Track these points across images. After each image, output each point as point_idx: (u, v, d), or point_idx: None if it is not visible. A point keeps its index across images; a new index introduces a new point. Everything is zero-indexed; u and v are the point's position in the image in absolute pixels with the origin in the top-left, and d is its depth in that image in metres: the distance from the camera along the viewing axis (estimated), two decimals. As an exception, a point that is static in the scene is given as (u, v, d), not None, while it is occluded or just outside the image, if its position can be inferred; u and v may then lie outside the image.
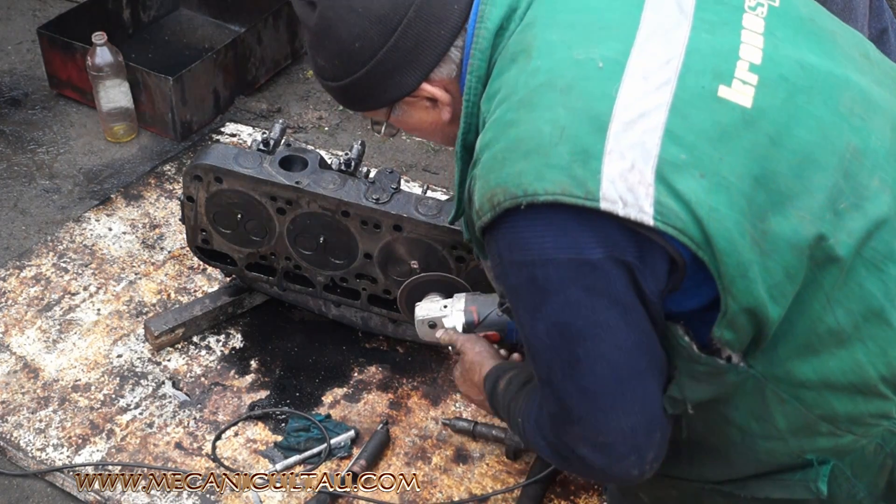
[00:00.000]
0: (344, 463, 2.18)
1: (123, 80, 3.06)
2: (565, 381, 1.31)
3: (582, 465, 1.36)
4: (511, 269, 1.29)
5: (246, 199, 2.28)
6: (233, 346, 2.46)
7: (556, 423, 1.36)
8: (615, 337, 1.27)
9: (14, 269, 2.66)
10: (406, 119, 1.52)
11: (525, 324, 1.32)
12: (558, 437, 1.36)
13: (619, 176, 1.20)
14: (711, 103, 1.25)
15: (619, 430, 1.30)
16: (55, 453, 2.19)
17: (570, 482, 2.15)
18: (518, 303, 1.32)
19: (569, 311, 1.27)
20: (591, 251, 1.23)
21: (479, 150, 1.31)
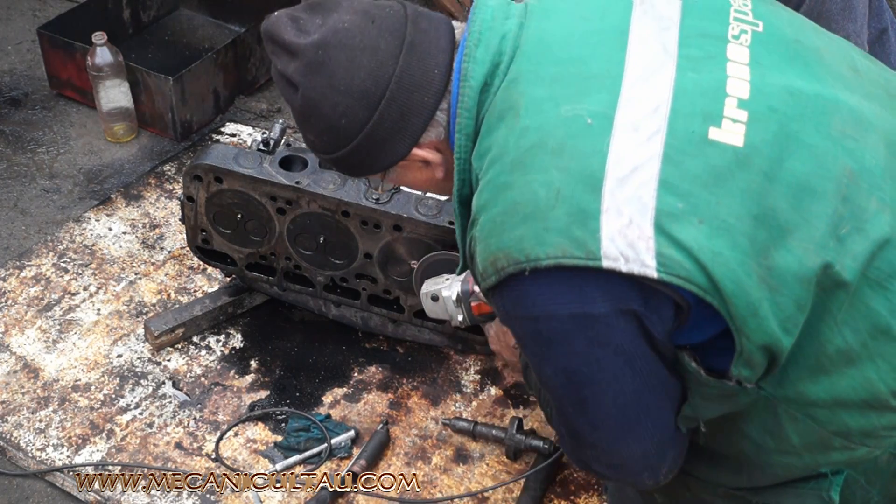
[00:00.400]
0: (344, 463, 2.18)
1: (123, 80, 3.06)
2: (576, 415, 1.36)
3: (597, 473, 1.43)
4: (515, 322, 1.33)
5: (246, 199, 2.28)
6: (233, 346, 2.46)
7: (570, 441, 1.41)
8: (620, 383, 1.30)
9: (14, 269, 2.66)
10: (401, 178, 1.53)
11: (534, 365, 1.36)
12: (573, 452, 1.42)
13: (618, 232, 1.20)
14: (703, 147, 1.24)
15: (631, 455, 1.35)
16: (55, 453, 2.19)
17: (570, 482, 2.15)
18: (525, 349, 1.37)
19: (574, 360, 1.30)
20: (595, 306, 1.25)
21: (476, 211, 1.33)
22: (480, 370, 2.40)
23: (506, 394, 2.35)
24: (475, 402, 2.33)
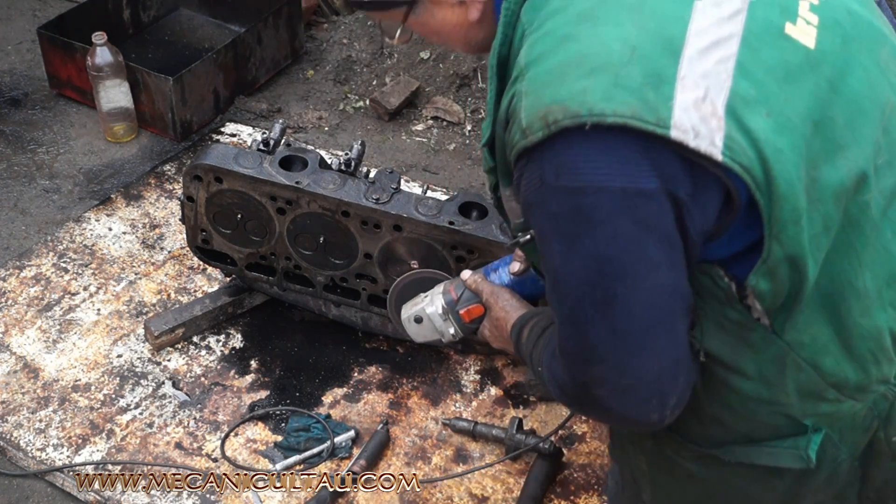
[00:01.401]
0: (344, 463, 2.18)
1: (123, 80, 3.06)
2: (595, 319, 1.23)
3: (598, 407, 1.30)
4: (554, 196, 1.19)
5: (246, 199, 2.28)
6: (233, 346, 2.46)
7: (574, 362, 1.28)
8: (658, 275, 1.20)
9: (14, 269, 2.66)
10: (427, 20, 1.39)
11: (556, 256, 1.23)
12: (574, 377, 1.29)
13: (692, 105, 1.13)
14: (779, 40, 1.21)
15: (645, 373, 1.24)
16: (55, 453, 2.19)
17: (570, 482, 2.15)
18: (552, 233, 1.22)
19: (614, 245, 1.18)
20: (646, 181, 1.15)
21: (526, 64, 1.21)
22: (480, 370, 2.41)
23: (506, 394, 2.35)
24: (475, 402, 2.33)
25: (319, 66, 3.55)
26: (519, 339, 1.59)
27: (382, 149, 3.21)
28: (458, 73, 3.41)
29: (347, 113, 3.36)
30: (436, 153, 3.21)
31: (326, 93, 3.44)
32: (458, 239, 2.18)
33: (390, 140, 3.26)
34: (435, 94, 3.40)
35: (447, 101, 3.36)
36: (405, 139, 3.26)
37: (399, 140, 3.26)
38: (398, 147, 3.23)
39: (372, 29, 3.58)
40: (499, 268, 1.84)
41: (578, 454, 2.21)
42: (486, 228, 2.17)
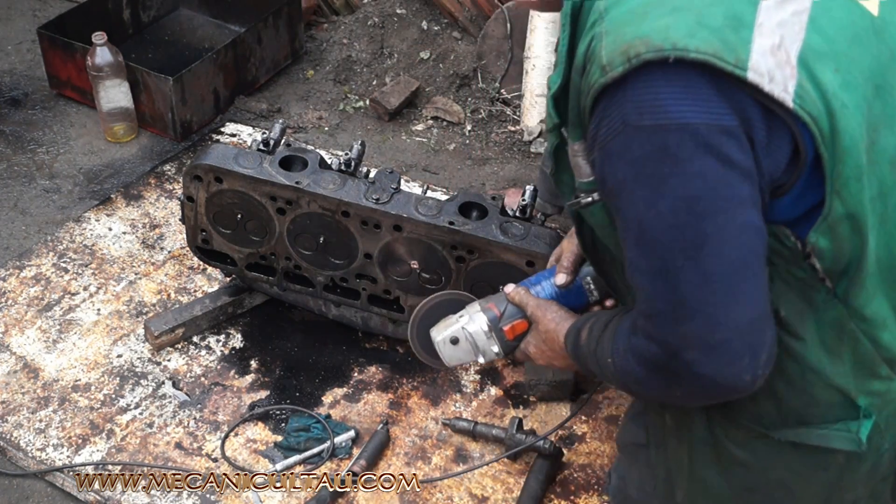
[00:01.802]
0: (344, 463, 2.18)
1: (123, 80, 3.06)
2: (686, 267, 1.21)
3: (690, 376, 1.26)
4: (637, 137, 1.19)
5: (246, 199, 2.28)
6: (233, 346, 2.46)
7: (664, 324, 1.26)
8: (745, 213, 1.20)
9: (14, 269, 2.66)
10: None
11: (640, 205, 1.22)
12: (664, 344, 1.26)
13: (768, 50, 1.16)
14: (848, 2, 1.25)
15: (737, 323, 1.22)
16: (55, 453, 2.19)
17: (570, 482, 2.15)
18: (635, 181, 1.21)
19: (701, 183, 1.18)
20: (728, 119, 1.16)
21: (606, 7, 1.23)
22: (480, 370, 2.41)
23: (506, 394, 2.35)
24: (475, 402, 2.33)
25: (319, 66, 3.55)
26: (577, 343, 1.56)
27: (382, 149, 3.21)
28: (458, 73, 3.42)
29: (347, 113, 3.36)
30: (436, 153, 3.21)
31: (326, 93, 3.44)
32: (458, 239, 2.18)
33: (390, 140, 3.26)
34: (435, 94, 3.40)
35: (447, 101, 3.36)
36: (405, 139, 3.26)
37: (399, 140, 3.26)
38: (398, 147, 3.23)
39: (372, 29, 3.58)
40: (540, 281, 1.80)
41: (578, 454, 2.21)
42: (486, 228, 2.17)
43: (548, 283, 1.79)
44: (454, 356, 1.80)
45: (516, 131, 3.28)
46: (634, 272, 1.28)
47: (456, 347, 1.79)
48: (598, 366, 1.48)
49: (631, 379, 1.37)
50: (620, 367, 1.38)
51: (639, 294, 1.30)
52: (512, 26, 3.34)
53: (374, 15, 3.61)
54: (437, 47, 3.51)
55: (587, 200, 1.37)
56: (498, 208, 2.23)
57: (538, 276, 1.82)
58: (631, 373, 1.36)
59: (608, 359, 1.42)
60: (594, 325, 1.52)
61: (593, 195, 1.35)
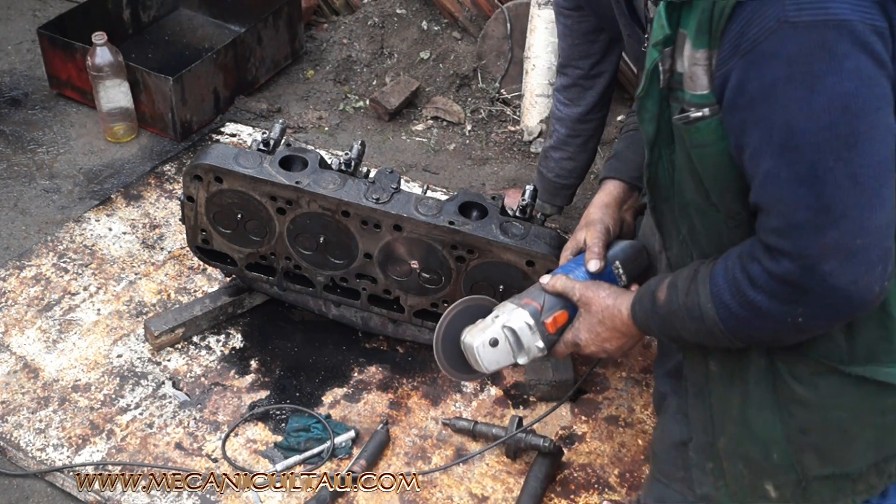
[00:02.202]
0: (344, 463, 2.18)
1: (123, 80, 3.06)
2: (836, 169, 1.21)
3: (823, 289, 1.27)
4: (794, 35, 1.19)
5: (246, 199, 2.28)
6: (233, 346, 2.46)
7: (801, 237, 1.26)
8: (889, 115, 1.22)
9: (14, 269, 2.66)
10: None
11: (791, 105, 1.22)
12: (800, 256, 1.26)
13: None
14: None
15: (877, 228, 1.23)
16: (55, 453, 2.19)
17: (570, 482, 2.15)
18: (788, 80, 1.21)
19: (857, 80, 1.19)
20: (880, 21, 1.18)
21: None
22: (480, 370, 2.41)
23: (506, 394, 2.35)
24: (475, 402, 2.33)
25: (319, 66, 3.55)
26: (654, 306, 1.53)
27: (382, 149, 3.21)
28: (458, 73, 3.42)
29: (347, 113, 3.36)
30: (436, 153, 3.21)
31: (326, 93, 3.44)
32: (458, 239, 2.18)
33: (390, 140, 3.26)
34: (435, 94, 3.40)
35: (447, 101, 3.36)
36: (405, 139, 3.26)
37: (399, 140, 3.26)
38: (398, 147, 3.23)
39: (372, 29, 3.59)
40: (572, 270, 1.78)
41: (578, 454, 2.21)
42: (486, 228, 2.17)
43: (579, 271, 1.77)
44: (493, 359, 1.74)
45: (516, 131, 3.28)
46: (771, 185, 1.27)
47: (495, 350, 1.73)
48: (689, 317, 1.45)
49: (745, 314, 1.36)
50: (728, 304, 1.37)
51: (772, 209, 1.28)
52: (512, 26, 3.34)
53: (374, 15, 3.61)
54: (437, 47, 3.51)
55: (697, 115, 1.34)
56: (498, 208, 2.23)
57: (565, 268, 1.80)
58: (746, 307, 1.35)
59: (707, 304, 1.41)
60: (676, 281, 1.50)
61: (704, 110, 1.33)
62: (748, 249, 1.36)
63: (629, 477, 2.16)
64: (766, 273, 1.32)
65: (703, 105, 1.33)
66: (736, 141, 1.32)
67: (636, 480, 2.15)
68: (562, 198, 2.67)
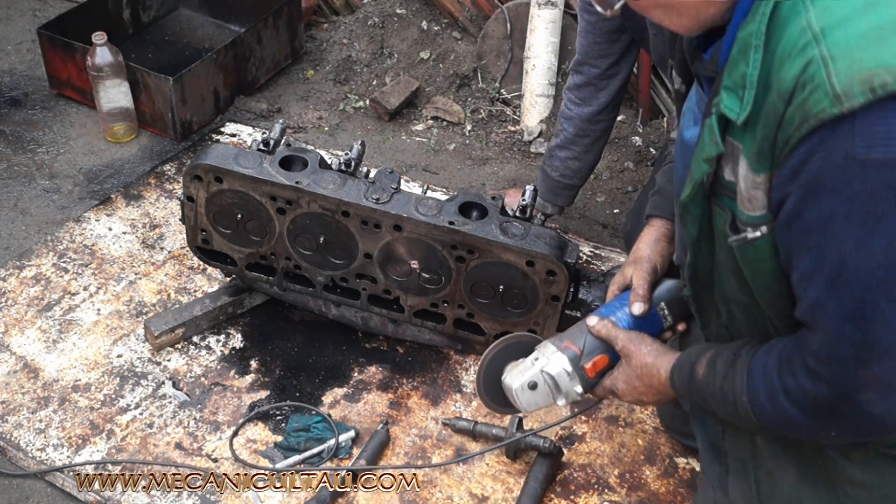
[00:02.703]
0: (344, 463, 2.18)
1: (123, 80, 3.06)
2: (886, 309, 1.19)
3: (858, 415, 1.28)
4: (861, 172, 1.15)
5: (246, 199, 2.28)
6: (233, 346, 2.46)
7: (842, 368, 1.25)
8: None
9: (14, 269, 2.66)
10: None
11: (848, 243, 1.19)
12: (837, 384, 1.26)
13: None
14: None
15: None
16: (55, 453, 2.19)
17: (570, 482, 2.15)
18: (849, 217, 1.18)
19: None
20: None
21: (822, 29, 1.17)
22: (480, 370, 2.41)
23: (506, 394, 2.35)
24: (475, 402, 2.32)
25: (319, 66, 3.55)
26: (692, 378, 1.53)
27: (382, 149, 3.21)
28: (458, 73, 3.42)
29: (347, 113, 3.36)
30: (436, 153, 3.21)
31: (326, 93, 3.44)
32: (458, 239, 2.18)
33: (390, 140, 3.26)
34: (435, 94, 3.40)
35: (447, 101, 3.36)
36: (405, 139, 3.26)
37: (399, 140, 3.26)
38: (398, 147, 3.23)
39: (372, 29, 3.58)
40: (614, 311, 1.76)
41: (578, 454, 2.21)
42: (486, 228, 2.17)
43: (622, 312, 1.75)
44: (532, 401, 1.75)
45: (516, 131, 3.28)
46: (817, 312, 1.26)
47: (535, 392, 1.73)
48: (724, 402, 1.45)
49: (778, 419, 1.36)
50: (764, 405, 1.37)
51: (817, 333, 1.28)
52: (512, 26, 3.34)
53: (374, 15, 3.61)
54: (437, 47, 3.51)
55: (755, 235, 1.32)
56: (498, 208, 2.23)
57: (609, 307, 1.78)
58: (780, 413, 1.35)
59: (743, 396, 1.40)
60: (715, 360, 1.49)
61: (762, 228, 1.31)
62: (788, 355, 1.35)
63: (629, 477, 2.16)
64: (801, 390, 1.32)
65: (761, 224, 1.30)
66: (785, 257, 1.30)
67: (636, 480, 2.15)
68: (564, 198, 2.66)
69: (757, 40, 1.25)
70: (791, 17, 1.22)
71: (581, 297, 2.24)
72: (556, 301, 2.21)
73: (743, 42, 1.27)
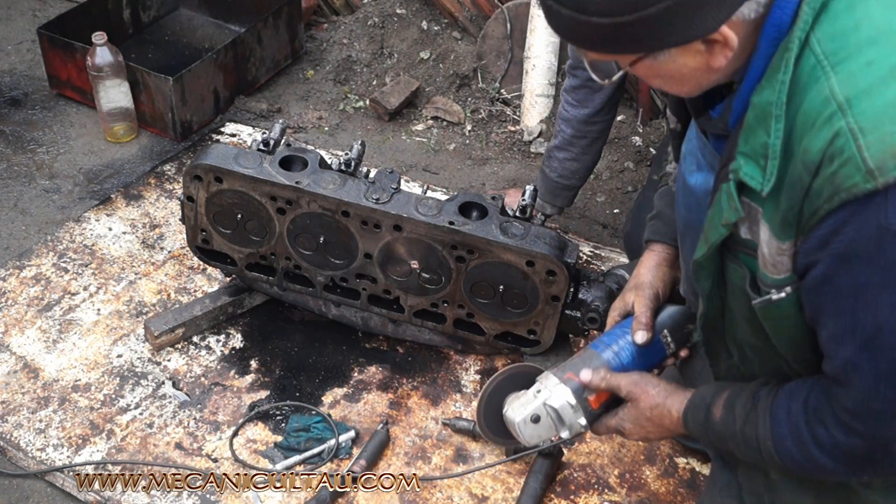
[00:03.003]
0: (344, 463, 2.18)
1: (123, 80, 3.06)
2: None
3: (891, 461, 1.29)
4: (894, 242, 1.14)
5: (246, 199, 2.28)
6: (233, 346, 2.46)
7: (876, 423, 1.26)
8: None
9: (14, 269, 2.66)
10: (664, 65, 1.27)
11: (886, 309, 1.19)
12: (872, 438, 1.28)
13: None
14: None
15: None
16: (55, 453, 2.19)
17: (570, 482, 2.15)
18: (884, 285, 1.18)
19: None
20: None
21: (847, 98, 1.15)
22: (480, 370, 2.40)
23: (506, 394, 2.35)
24: (475, 402, 2.32)
25: (319, 66, 3.55)
26: (708, 420, 1.52)
27: (382, 149, 3.21)
28: (458, 73, 3.42)
29: (347, 113, 3.36)
30: (436, 153, 3.21)
31: (326, 93, 3.44)
32: (458, 239, 2.18)
33: (390, 140, 3.26)
34: (435, 94, 3.40)
35: (447, 101, 3.36)
36: (405, 139, 3.26)
37: (399, 140, 3.26)
38: (398, 147, 3.23)
39: (372, 29, 3.58)
40: (615, 341, 1.74)
41: (578, 454, 2.21)
42: (486, 228, 2.17)
43: (624, 341, 1.73)
44: (535, 434, 1.72)
45: (516, 131, 3.28)
46: (850, 371, 1.27)
47: (537, 425, 1.70)
48: (745, 445, 1.45)
49: (808, 465, 1.37)
50: (791, 452, 1.38)
51: (849, 390, 1.28)
52: (512, 26, 3.34)
53: (374, 15, 3.61)
54: (437, 47, 3.51)
55: (779, 296, 1.31)
56: (498, 208, 2.23)
57: (610, 336, 1.76)
58: (810, 461, 1.36)
59: (767, 442, 1.41)
60: (734, 402, 1.48)
61: (787, 289, 1.30)
62: (816, 404, 1.35)
63: (629, 477, 2.16)
64: (833, 441, 1.32)
65: (785, 285, 1.30)
66: (812, 315, 1.30)
67: (636, 481, 2.15)
68: (563, 198, 2.66)
69: (778, 110, 1.23)
70: (811, 83, 1.19)
71: (581, 297, 2.24)
72: (556, 301, 2.21)
73: (761, 110, 1.25)
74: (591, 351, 1.74)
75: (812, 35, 1.21)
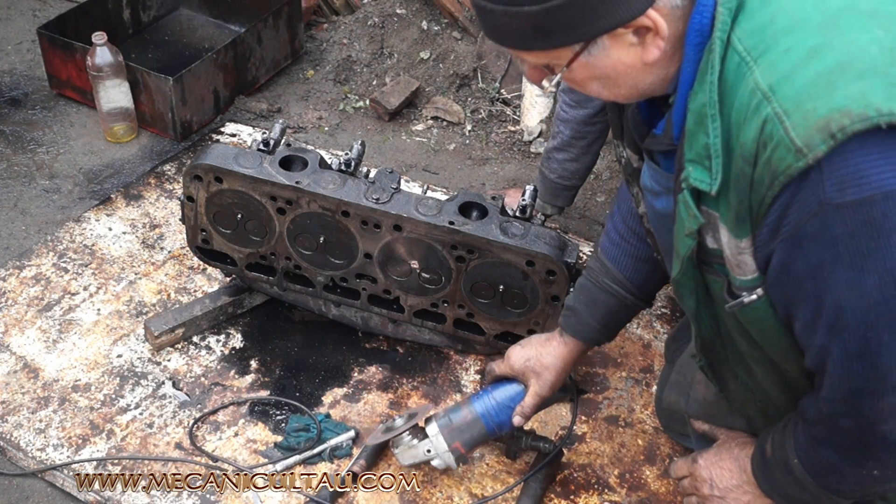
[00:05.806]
0: (344, 463, 2.18)
1: (123, 80, 3.06)
2: (891, 342, 1.21)
3: (884, 446, 1.30)
4: (837, 216, 1.15)
5: (246, 199, 2.28)
6: (233, 346, 2.46)
7: (860, 400, 1.27)
8: None
9: (14, 269, 2.66)
10: (599, 61, 1.28)
11: (840, 287, 1.20)
12: (858, 416, 1.28)
13: None
14: None
15: None
16: (55, 453, 2.19)
17: (570, 482, 2.15)
18: (835, 261, 1.18)
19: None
20: None
21: (770, 86, 1.17)
22: (480, 370, 2.41)
23: (506, 394, 2.35)
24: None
25: (319, 66, 3.55)
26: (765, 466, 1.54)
27: (382, 149, 3.21)
28: (458, 73, 3.42)
29: (347, 113, 3.36)
30: (436, 153, 3.21)
31: (326, 93, 3.44)
32: (458, 239, 2.18)
33: (390, 140, 3.26)
34: (435, 94, 3.40)
35: (447, 101, 3.36)
36: (405, 139, 3.26)
37: (399, 140, 3.26)
38: (398, 147, 3.23)
39: (372, 29, 3.58)
40: (494, 407, 2.01)
41: (578, 454, 2.21)
42: (486, 228, 2.17)
43: (498, 410, 2.01)
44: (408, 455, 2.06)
45: (516, 131, 3.28)
46: (823, 358, 1.27)
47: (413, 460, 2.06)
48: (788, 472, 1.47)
49: (822, 467, 1.39)
50: (810, 460, 1.39)
51: (827, 379, 1.29)
52: (512, 26, 3.33)
53: (374, 15, 3.61)
54: (437, 47, 3.51)
55: (751, 298, 1.32)
56: (498, 208, 2.23)
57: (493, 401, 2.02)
58: (822, 461, 1.38)
59: (794, 459, 1.43)
60: (773, 436, 1.51)
61: (757, 290, 1.31)
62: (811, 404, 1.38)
63: (629, 477, 2.16)
64: (828, 430, 1.35)
65: (755, 287, 1.31)
66: (784, 311, 1.31)
67: (636, 481, 2.15)
68: (563, 199, 2.67)
69: (712, 109, 1.25)
70: (738, 80, 1.22)
71: (581, 297, 2.23)
72: (556, 301, 2.21)
73: (697, 113, 1.27)
74: (476, 414, 2.00)
75: (733, 34, 1.23)
